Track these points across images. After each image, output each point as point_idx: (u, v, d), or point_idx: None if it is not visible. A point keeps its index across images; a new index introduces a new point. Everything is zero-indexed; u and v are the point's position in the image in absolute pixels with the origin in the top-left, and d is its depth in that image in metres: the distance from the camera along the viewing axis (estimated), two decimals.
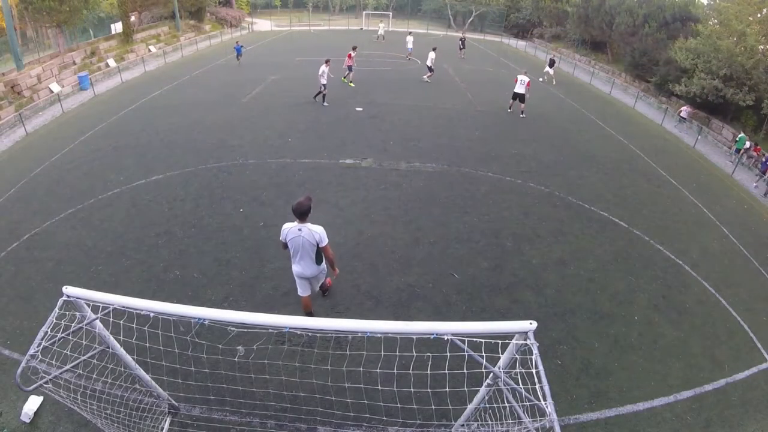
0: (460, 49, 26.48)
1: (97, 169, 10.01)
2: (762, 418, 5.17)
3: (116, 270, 6.69)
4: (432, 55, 18.70)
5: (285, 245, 4.76)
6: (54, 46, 19.95)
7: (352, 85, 17.42)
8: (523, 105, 14.98)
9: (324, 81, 14.17)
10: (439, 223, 8.27)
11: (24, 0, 17.78)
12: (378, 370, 3.35)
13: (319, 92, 14.60)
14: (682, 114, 17.89)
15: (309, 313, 5.45)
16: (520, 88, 14.64)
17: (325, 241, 4.63)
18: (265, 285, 6.45)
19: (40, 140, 12.32)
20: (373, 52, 25.66)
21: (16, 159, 11.08)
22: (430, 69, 18.84)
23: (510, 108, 15.40)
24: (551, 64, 21.56)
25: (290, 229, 4.61)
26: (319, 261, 4.86)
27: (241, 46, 21.40)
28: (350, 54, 17.07)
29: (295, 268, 4.90)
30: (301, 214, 4.51)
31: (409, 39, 24.53)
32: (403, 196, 9.13)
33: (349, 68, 17.31)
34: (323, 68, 13.97)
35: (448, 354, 2.64)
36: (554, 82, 21.29)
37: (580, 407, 4.97)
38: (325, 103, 14.63)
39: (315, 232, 4.56)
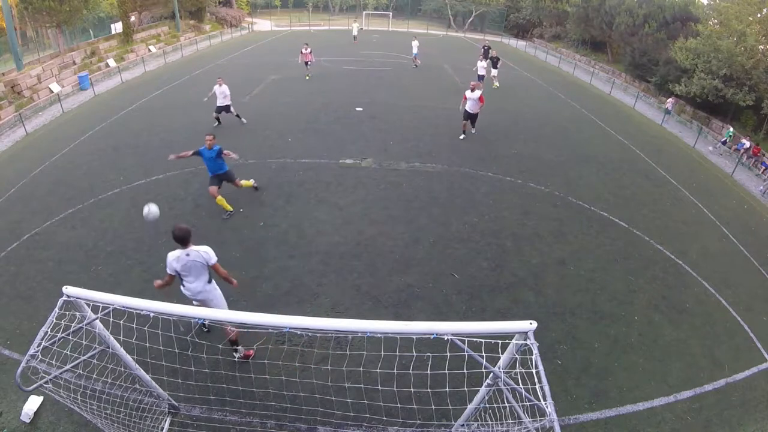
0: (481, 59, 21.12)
1: (97, 169, 10.01)
2: (762, 418, 5.18)
3: (116, 270, 6.69)
4: (482, 63, 17.64)
5: (174, 276, 4.57)
6: (54, 46, 19.97)
7: (308, 77, 18.52)
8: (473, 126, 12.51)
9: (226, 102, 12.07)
10: (439, 223, 8.27)
11: (24, 0, 17.78)
12: (378, 370, 3.35)
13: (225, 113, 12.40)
14: (667, 106, 18.70)
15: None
16: (474, 107, 11.64)
17: (214, 259, 4.58)
18: (265, 285, 6.45)
19: (40, 140, 12.32)
20: (374, 52, 25.64)
21: (16, 159, 11.08)
22: (480, 78, 17.27)
23: (464, 133, 12.34)
24: (495, 64, 18.34)
25: (177, 257, 4.47)
26: (209, 280, 4.76)
27: (215, 151, 7.57)
28: (302, 51, 18.27)
29: (188, 291, 4.67)
30: (182, 239, 4.44)
31: (415, 44, 22.00)
32: (403, 196, 9.13)
33: (306, 63, 18.37)
34: (221, 88, 11.90)
35: (448, 354, 2.64)
36: (497, 84, 18.62)
37: (580, 407, 4.97)
38: (244, 120, 12.79)
39: (203, 252, 4.51)
